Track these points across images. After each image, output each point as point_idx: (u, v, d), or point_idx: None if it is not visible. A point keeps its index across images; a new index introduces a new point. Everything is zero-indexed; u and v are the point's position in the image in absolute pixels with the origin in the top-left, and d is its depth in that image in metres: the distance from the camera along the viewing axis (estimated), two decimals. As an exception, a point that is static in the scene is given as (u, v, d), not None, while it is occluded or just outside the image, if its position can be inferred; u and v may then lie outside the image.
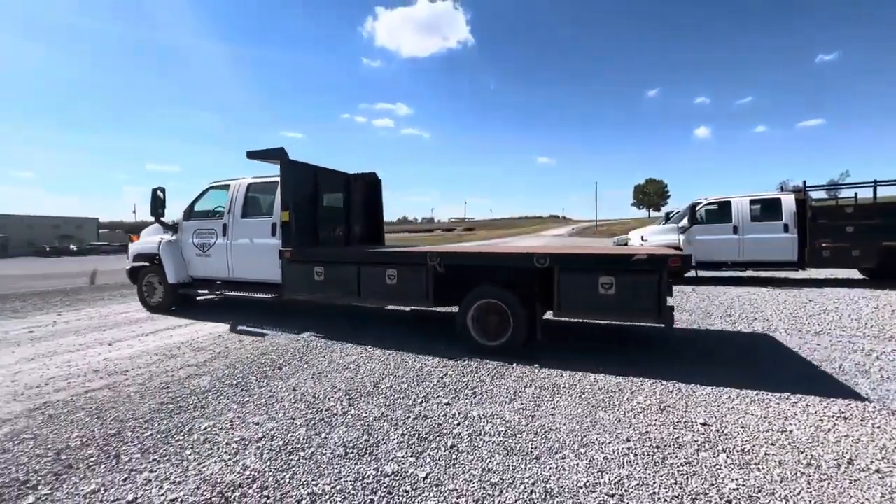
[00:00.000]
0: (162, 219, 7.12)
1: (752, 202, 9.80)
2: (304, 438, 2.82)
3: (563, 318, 4.38)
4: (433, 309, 5.52)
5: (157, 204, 6.95)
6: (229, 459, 2.58)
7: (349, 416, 3.14)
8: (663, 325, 4.13)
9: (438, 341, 5.08)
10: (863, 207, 9.69)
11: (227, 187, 6.90)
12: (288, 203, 5.94)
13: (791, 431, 2.83)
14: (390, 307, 6.94)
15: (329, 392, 3.61)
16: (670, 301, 4.18)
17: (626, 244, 17.19)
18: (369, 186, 7.77)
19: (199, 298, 8.04)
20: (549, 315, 4.50)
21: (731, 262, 9.76)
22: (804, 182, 9.97)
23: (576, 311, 4.36)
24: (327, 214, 6.88)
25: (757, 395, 3.42)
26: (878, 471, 2.37)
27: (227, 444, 2.76)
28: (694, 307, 7.18)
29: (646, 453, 2.59)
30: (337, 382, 3.83)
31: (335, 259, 5.64)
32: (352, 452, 2.64)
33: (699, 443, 2.70)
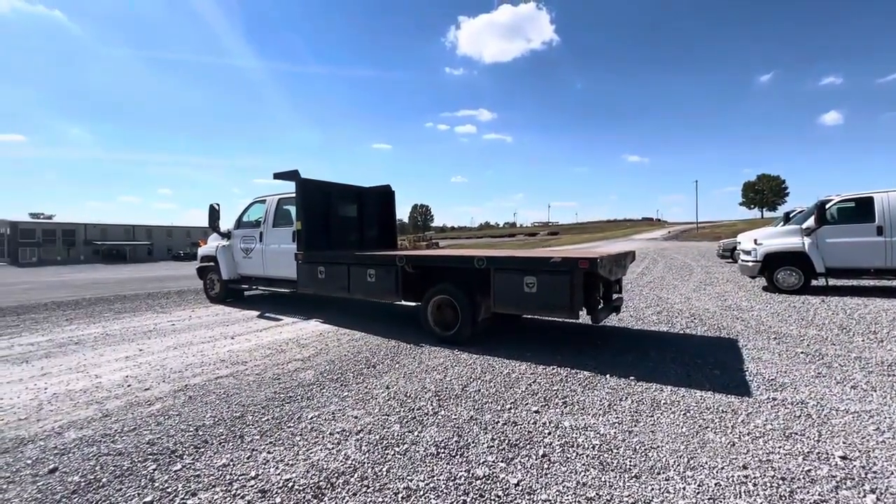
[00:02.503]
0: (218, 229, 8.77)
1: (904, 198, 8.17)
2: (398, 434, 2.96)
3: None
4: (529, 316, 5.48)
5: (214, 217, 8.53)
6: (333, 448, 2.79)
7: (439, 417, 3.23)
8: (592, 323, 4.79)
9: (526, 348, 5.00)
10: None
11: (264, 202, 8.35)
12: (301, 214, 7.09)
13: (969, 477, 2.31)
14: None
15: (419, 392, 3.74)
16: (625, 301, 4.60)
17: (733, 248, 15.35)
18: (382, 198, 8.91)
19: (246, 294, 9.75)
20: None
21: (876, 269, 8.23)
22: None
23: (507, 306, 4.89)
24: (340, 223, 8.05)
25: (917, 428, 2.85)
26: None
27: (330, 433, 3.00)
28: (825, 321, 6.19)
29: (768, 485, 2.29)
30: (426, 383, 3.95)
31: (331, 261, 6.67)
32: (443, 452, 2.71)
33: (838, 479, 2.32)
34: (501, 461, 2.59)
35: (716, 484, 2.31)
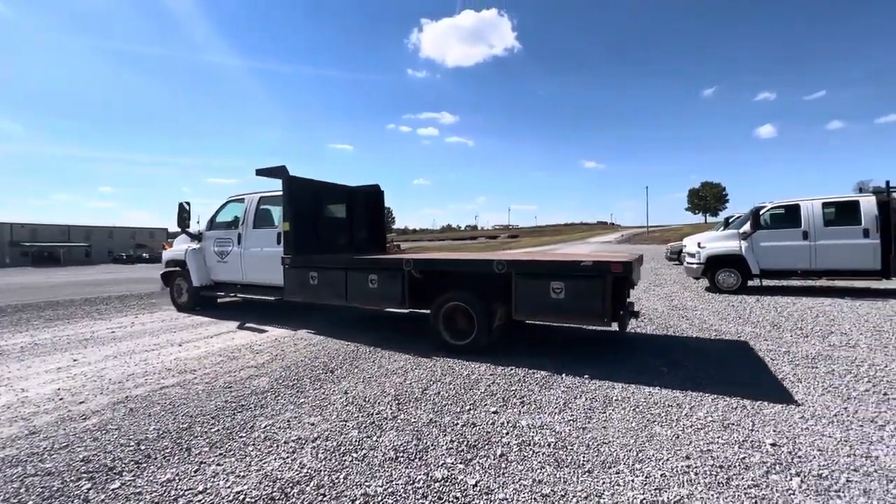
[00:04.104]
0: (188, 229, 8.03)
1: (826, 205, 8.99)
2: (356, 440, 2.91)
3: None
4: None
5: (183, 216, 7.84)
6: (287, 457, 2.71)
7: (399, 421, 3.21)
8: (616, 329, 4.36)
9: (487, 350, 5.06)
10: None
11: (242, 201, 7.64)
12: (288, 215, 6.48)
13: (877, 457, 2.57)
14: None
15: (379, 396, 3.70)
16: (636, 306, 4.33)
17: (680, 251, 16.31)
18: (371, 198, 8.31)
19: (219, 301, 8.82)
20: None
21: (802, 270, 9.00)
22: (887, 182, 8.97)
23: (530, 314, 4.66)
24: (329, 225, 7.48)
25: (835, 415, 3.13)
26: None
27: (285, 442, 2.90)
28: (759, 319, 6.69)
29: (708, 473, 2.44)
30: (386, 387, 3.92)
31: (326, 265, 6.10)
32: (402, 456, 2.69)
33: (769, 465, 2.51)
34: (460, 462, 2.61)
35: (661, 475, 2.44)
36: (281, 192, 6.82)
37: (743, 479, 2.39)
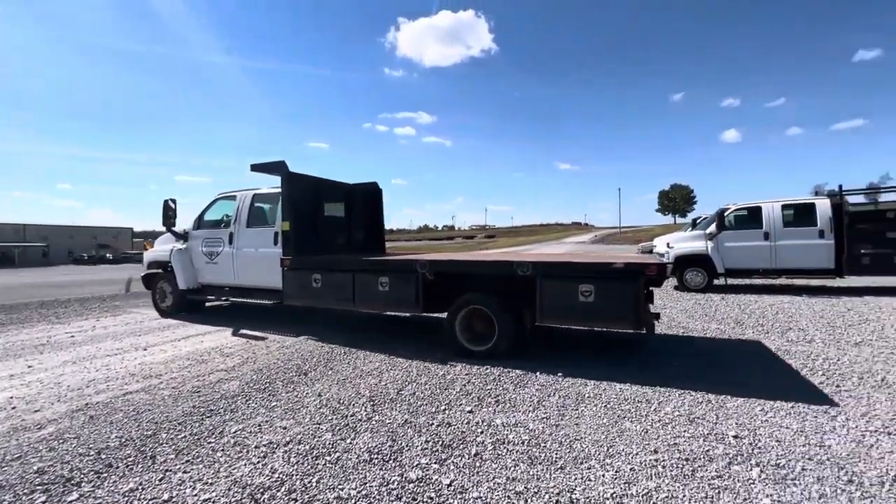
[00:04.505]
0: (173, 228, 7.52)
1: (785, 207, 9.45)
2: (329, 443, 2.87)
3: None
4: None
5: (169, 214, 7.34)
6: (258, 462, 2.64)
7: (373, 422, 3.18)
8: (643, 332, 4.24)
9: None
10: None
11: (233, 198, 7.24)
12: (288, 214, 6.16)
13: (830, 446, 2.71)
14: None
15: (353, 398, 3.66)
16: (654, 308, 4.22)
17: (651, 251, 16.80)
18: (369, 196, 7.98)
19: (207, 305, 8.41)
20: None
21: (763, 269, 9.42)
22: (840, 186, 9.52)
23: (557, 318, 4.49)
24: (328, 224, 7.10)
25: (792, 407, 3.29)
26: (926, 490, 2.25)
27: (255, 447, 2.84)
28: (724, 316, 6.97)
29: (675, 465, 2.53)
30: (361, 389, 3.88)
31: (331, 267, 5.76)
32: (377, 458, 2.67)
33: (731, 456, 2.62)
34: (435, 462, 2.61)
35: (630, 469, 2.51)
36: (277, 190, 6.54)
37: (707, 470, 2.48)
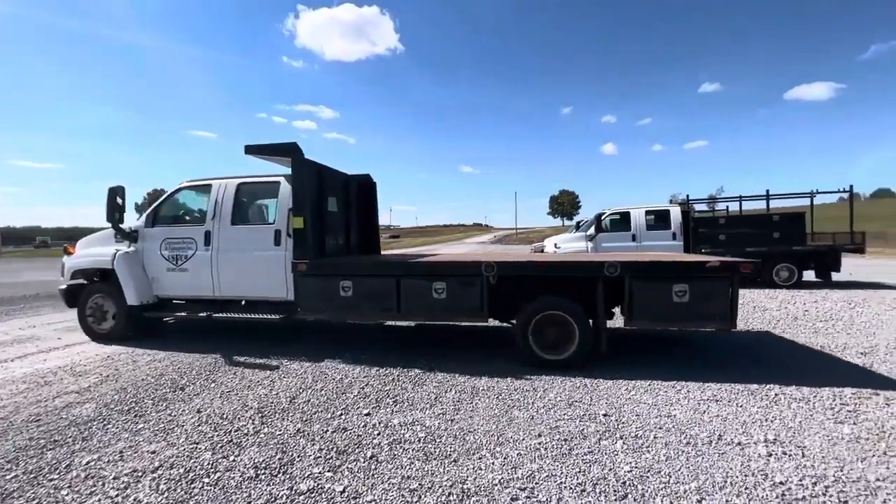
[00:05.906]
0: (121, 226, 5.74)
1: (648, 213, 10.98)
2: (208, 463, 2.61)
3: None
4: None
5: (115, 207, 5.63)
6: (117, 496, 2.30)
7: (261, 436, 2.97)
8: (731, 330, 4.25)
9: (362, 351, 4.99)
10: (731, 218, 11.36)
11: (207, 188, 5.75)
12: (302, 207, 5.04)
13: (675, 415, 3.21)
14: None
15: (239, 411, 3.37)
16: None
17: (541, 251, 18.27)
18: (364, 189, 6.87)
19: (164, 320, 6.47)
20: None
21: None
22: (687, 196, 11.46)
23: (650, 320, 4.34)
24: (330, 220, 5.91)
25: (649, 384, 3.83)
26: (739, 443, 2.78)
27: (114, 478, 2.46)
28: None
29: (555, 447, 2.78)
30: (248, 400, 3.59)
31: (366, 272, 4.91)
32: (263, 473, 2.50)
33: (601, 433, 2.96)
34: (328, 471, 2.52)
35: (517, 454, 2.70)
36: (267, 179, 5.57)
37: (581, 447, 2.77)
